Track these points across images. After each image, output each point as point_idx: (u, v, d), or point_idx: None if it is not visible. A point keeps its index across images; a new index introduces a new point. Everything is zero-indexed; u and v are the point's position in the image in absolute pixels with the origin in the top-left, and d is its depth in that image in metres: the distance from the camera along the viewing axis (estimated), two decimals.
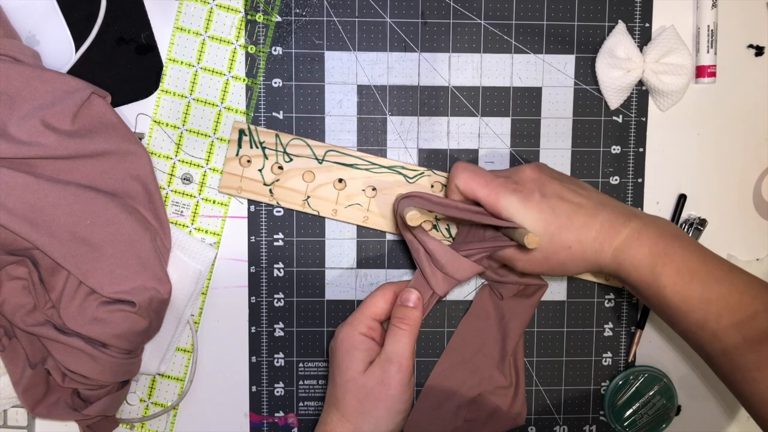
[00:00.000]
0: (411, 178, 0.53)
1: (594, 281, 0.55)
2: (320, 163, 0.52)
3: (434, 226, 0.54)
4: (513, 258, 0.48)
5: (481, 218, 0.47)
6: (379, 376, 0.47)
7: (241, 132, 0.52)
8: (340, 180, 0.53)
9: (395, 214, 0.51)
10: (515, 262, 0.48)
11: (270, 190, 0.52)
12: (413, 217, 0.45)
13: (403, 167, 0.53)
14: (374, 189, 0.53)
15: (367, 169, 0.53)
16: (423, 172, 0.53)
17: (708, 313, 0.43)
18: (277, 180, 0.52)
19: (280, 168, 0.52)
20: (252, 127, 0.52)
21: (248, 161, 0.52)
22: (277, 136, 0.52)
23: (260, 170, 0.52)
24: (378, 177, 0.53)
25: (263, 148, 0.52)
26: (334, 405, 0.48)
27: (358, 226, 0.54)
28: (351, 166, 0.53)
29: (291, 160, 0.52)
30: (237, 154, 0.52)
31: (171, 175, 0.53)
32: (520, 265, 0.48)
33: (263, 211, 0.54)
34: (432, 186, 0.53)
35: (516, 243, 0.47)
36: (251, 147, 0.52)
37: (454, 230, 0.54)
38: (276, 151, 0.52)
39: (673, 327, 0.47)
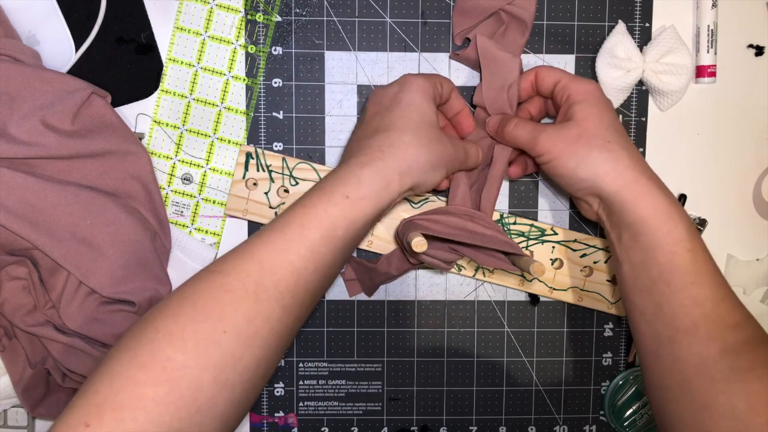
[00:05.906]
0: (416, 203, 0.53)
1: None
2: None
3: None
4: (537, 130, 0.46)
5: (489, 243, 0.47)
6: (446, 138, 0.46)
7: (248, 155, 0.52)
8: None
9: (398, 240, 0.51)
10: (540, 133, 0.46)
11: (276, 213, 0.52)
12: (419, 243, 0.45)
13: None
14: None
15: None
16: (428, 198, 0.53)
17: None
18: (283, 203, 0.52)
19: (286, 191, 0.53)
20: (259, 150, 0.52)
21: (254, 184, 0.52)
22: (283, 159, 0.52)
23: (266, 193, 0.52)
24: None
25: (270, 171, 0.52)
26: (384, 132, 0.44)
27: None
28: None
29: (297, 183, 0.52)
30: (243, 177, 0.52)
31: (171, 175, 0.53)
32: (544, 138, 0.46)
33: None
34: None
35: (519, 270, 0.48)
36: (258, 170, 0.52)
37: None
38: (282, 174, 0.52)
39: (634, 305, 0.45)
